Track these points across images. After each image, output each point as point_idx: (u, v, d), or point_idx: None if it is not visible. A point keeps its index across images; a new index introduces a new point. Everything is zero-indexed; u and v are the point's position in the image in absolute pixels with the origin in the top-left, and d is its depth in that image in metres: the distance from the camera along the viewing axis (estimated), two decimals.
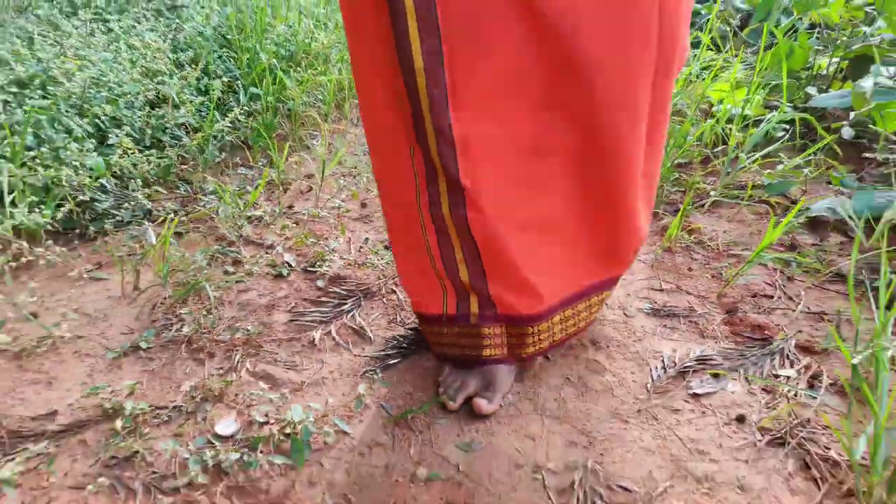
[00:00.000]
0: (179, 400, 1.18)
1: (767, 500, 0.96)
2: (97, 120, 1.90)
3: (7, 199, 1.54)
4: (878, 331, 1.01)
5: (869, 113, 1.66)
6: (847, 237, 1.65)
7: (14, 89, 1.87)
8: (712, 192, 1.87)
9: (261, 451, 1.06)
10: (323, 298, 1.49)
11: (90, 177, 1.73)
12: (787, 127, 2.13)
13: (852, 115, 1.85)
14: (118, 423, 1.10)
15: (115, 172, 1.85)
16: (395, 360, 1.29)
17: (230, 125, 2.13)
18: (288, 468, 1.04)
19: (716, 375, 1.22)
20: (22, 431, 1.10)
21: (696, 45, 2.72)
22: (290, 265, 1.61)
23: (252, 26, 2.46)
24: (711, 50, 2.85)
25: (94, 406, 1.16)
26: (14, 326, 1.35)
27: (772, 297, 1.45)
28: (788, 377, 1.19)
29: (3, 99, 1.77)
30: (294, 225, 1.81)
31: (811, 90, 2.16)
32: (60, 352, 1.30)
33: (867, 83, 1.65)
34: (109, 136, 1.87)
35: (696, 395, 1.18)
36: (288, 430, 1.09)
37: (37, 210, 1.58)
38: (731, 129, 2.01)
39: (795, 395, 1.16)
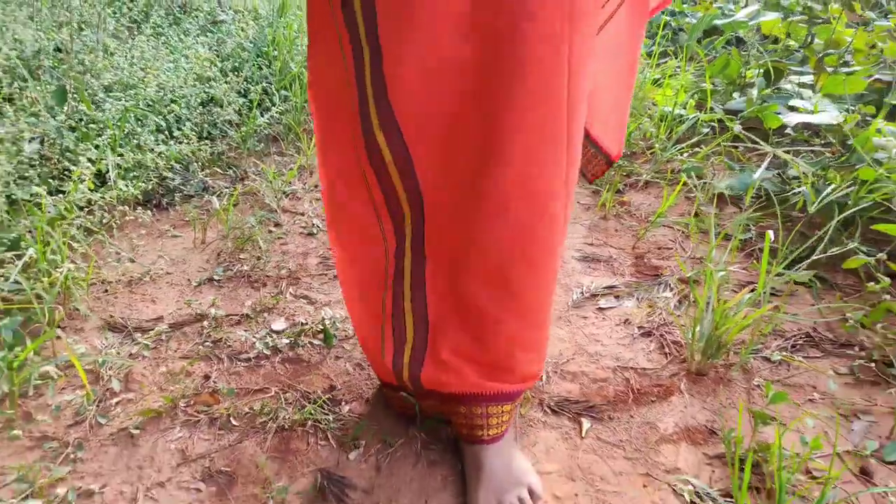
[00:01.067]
0: (245, 310, 1.71)
1: (632, 365, 1.49)
2: (165, 117, 2.44)
3: (110, 176, 2.08)
4: (710, 256, 1.54)
5: (756, 114, 2.18)
6: (738, 207, 2.17)
7: (101, 94, 2.42)
8: (644, 175, 2.39)
9: (303, 337, 1.60)
10: None
11: (163, 161, 2.27)
12: (715, 125, 2.65)
13: (740, 115, 2.35)
14: (206, 323, 1.64)
15: (179, 158, 2.38)
16: None
17: (267, 121, 2.66)
18: (321, 348, 1.57)
19: (617, 297, 1.75)
20: (143, 327, 1.64)
21: (649, 55, 3.24)
22: (318, 226, 2.14)
23: (283, 40, 3.00)
24: (670, 58, 3.37)
25: (188, 313, 1.70)
26: (123, 266, 1.89)
27: (671, 248, 1.98)
28: (666, 297, 1.72)
29: (101, 99, 2.31)
30: (320, 198, 2.35)
31: (736, 95, 2.68)
32: (158, 283, 1.84)
33: (754, 92, 2.16)
34: (174, 129, 2.41)
35: (601, 309, 1.71)
36: (321, 326, 1.62)
37: (129, 185, 2.12)
38: (664, 126, 2.53)
39: (666, 307, 1.69)
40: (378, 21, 0.87)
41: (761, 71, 2.61)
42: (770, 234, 1.35)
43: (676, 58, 3.43)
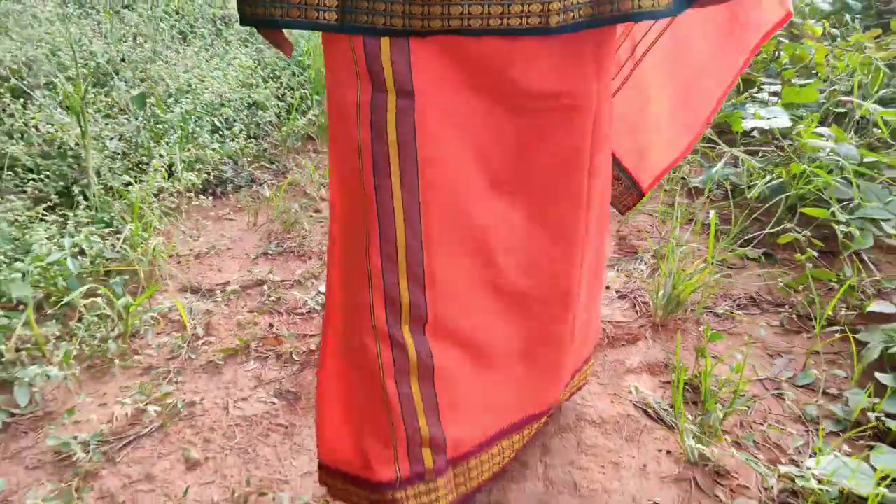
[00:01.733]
0: (296, 277, 2.10)
1: (609, 319, 1.87)
2: (217, 119, 2.84)
3: (178, 168, 2.47)
4: (673, 234, 1.92)
5: (725, 119, 2.55)
6: (710, 199, 2.54)
7: (166, 98, 2.82)
8: None
9: None
10: None
11: (218, 156, 2.66)
12: None
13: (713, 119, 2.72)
14: (265, 286, 2.03)
15: (230, 154, 2.77)
16: None
17: (304, 123, 3.06)
18: None
19: None
20: (214, 289, 2.03)
21: None
22: None
23: (315, 50, 3.39)
24: None
25: (250, 279, 2.09)
26: (192, 242, 2.28)
27: (649, 232, 2.35)
28: (640, 269, 2.10)
29: (169, 103, 2.71)
30: None
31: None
32: (221, 256, 2.23)
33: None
34: (224, 129, 2.81)
35: None
36: None
37: (193, 176, 2.51)
38: None
39: (639, 276, 2.06)
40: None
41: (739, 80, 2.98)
42: (713, 214, 1.73)
43: None
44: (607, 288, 2.02)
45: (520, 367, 1.15)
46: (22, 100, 2.56)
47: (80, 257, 1.89)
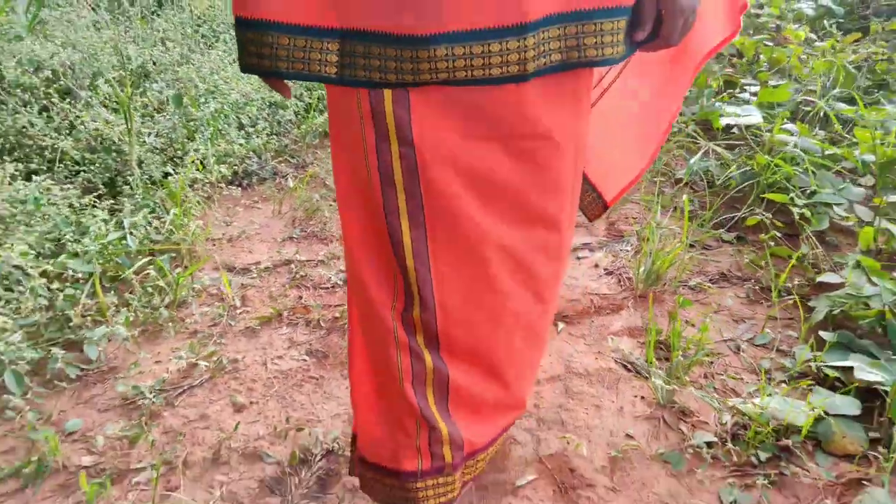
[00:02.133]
0: (320, 257, 2.36)
1: (596, 292, 2.13)
2: (243, 116, 3.10)
3: (210, 162, 2.73)
4: (654, 216, 2.18)
5: (705, 116, 2.81)
6: (692, 189, 2.79)
7: (197, 97, 3.08)
8: None
9: None
10: None
11: (244, 151, 2.92)
12: (683, 125, 3.28)
13: (692, 114, 2.97)
14: (293, 265, 2.29)
15: (255, 149, 3.03)
16: None
17: (322, 121, 3.32)
18: None
19: (591, 250, 2.38)
20: (247, 268, 2.29)
21: None
22: None
23: None
24: None
25: (278, 259, 2.34)
26: (224, 227, 2.54)
27: (636, 218, 2.61)
28: (626, 250, 2.35)
29: (200, 102, 2.98)
30: None
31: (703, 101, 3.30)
32: (251, 239, 2.49)
33: (705, 99, 2.80)
34: (249, 126, 3.07)
35: (578, 258, 2.34)
36: None
37: (223, 169, 2.77)
38: None
39: (625, 256, 2.32)
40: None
41: (721, 82, 3.24)
42: (686, 199, 1.98)
43: None
44: (595, 266, 2.28)
45: (519, 369, 1.27)
46: (67, 99, 2.82)
47: (131, 237, 2.16)
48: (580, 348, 1.88)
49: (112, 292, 2.03)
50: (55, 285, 1.92)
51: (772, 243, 2.11)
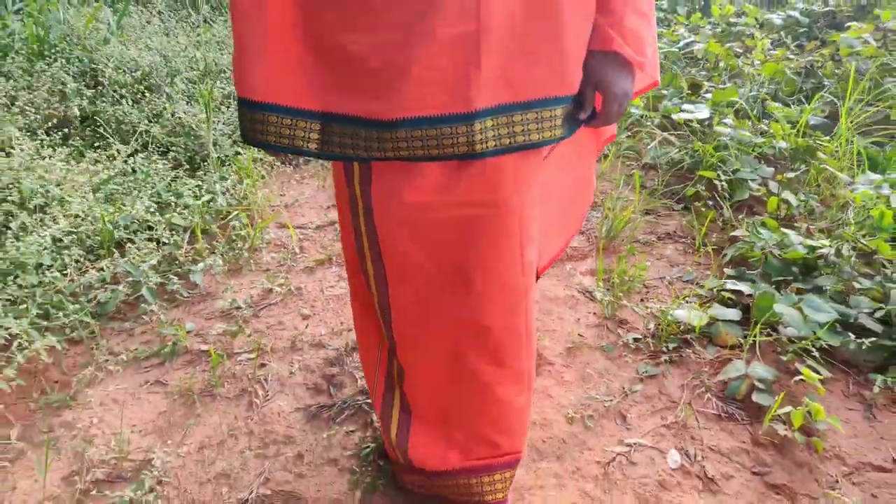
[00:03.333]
0: None
1: (570, 246, 2.78)
2: None
3: None
4: (617, 188, 2.83)
5: (668, 112, 3.45)
6: (655, 170, 3.43)
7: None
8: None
9: None
10: None
11: None
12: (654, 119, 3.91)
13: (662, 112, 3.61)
14: (336, 225, 2.96)
15: None
16: None
17: None
18: None
19: None
20: (301, 226, 2.96)
21: None
22: None
23: None
24: None
25: (326, 220, 3.01)
26: (281, 197, 3.21)
27: (606, 193, 3.26)
28: (596, 216, 3.01)
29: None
30: None
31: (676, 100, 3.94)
32: (302, 207, 3.16)
33: (673, 100, 3.44)
34: None
35: None
36: None
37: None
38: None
39: (595, 220, 2.97)
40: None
41: (687, 84, 3.88)
42: (636, 174, 2.64)
43: None
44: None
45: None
46: (153, 94, 3.51)
47: (219, 200, 2.84)
48: (553, 283, 2.54)
49: (202, 241, 2.71)
50: (165, 234, 2.60)
51: (703, 209, 2.77)
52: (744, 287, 2.20)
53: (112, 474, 1.72)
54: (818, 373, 1.87)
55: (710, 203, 2.84)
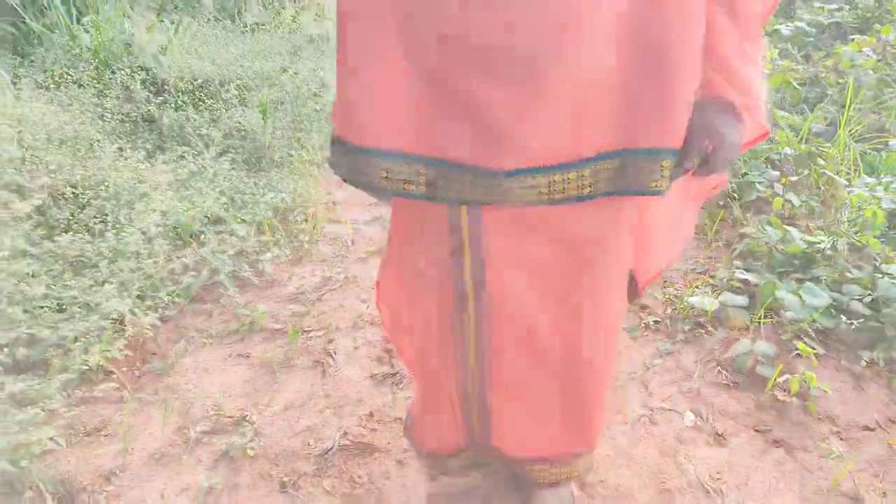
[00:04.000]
0: None
1: None
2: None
3: (315, 146, 3.72)
4: None
5: None
6: None
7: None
8: None
9: None
10: None
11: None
12: None
13: None
14: (382, 220, 3.29)
15: None
16: None
17: None
18: None
19: None
20: (354, 221, 3.29)
21: None
22: None
23: None
24: None
25: (372, 217, 3.33)
26: (329, 197, 3.53)
27: None
28: None
29: (308, 102, 3.98)
30: None
31: None
32: (350, 204, 3.47)
33: None
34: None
35: None
36: None
37: (326, 153, 3.76)
38: None
39: None
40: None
41: None
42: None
43: None
44: None
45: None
46: (211, 100, 3.84)
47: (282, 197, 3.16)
48: None
49: (269, 233, 3.04)
50: (233, 227, 2.92)
51: (715, 209, 3.08)
52: (751, 277, 2.50)
53: (215, 428, 2.05)
54: (814, 349, 2.18)
55: (722, 203, 3.14)
